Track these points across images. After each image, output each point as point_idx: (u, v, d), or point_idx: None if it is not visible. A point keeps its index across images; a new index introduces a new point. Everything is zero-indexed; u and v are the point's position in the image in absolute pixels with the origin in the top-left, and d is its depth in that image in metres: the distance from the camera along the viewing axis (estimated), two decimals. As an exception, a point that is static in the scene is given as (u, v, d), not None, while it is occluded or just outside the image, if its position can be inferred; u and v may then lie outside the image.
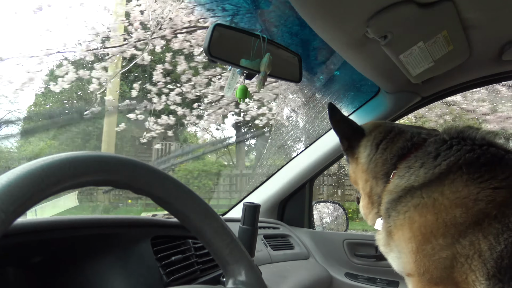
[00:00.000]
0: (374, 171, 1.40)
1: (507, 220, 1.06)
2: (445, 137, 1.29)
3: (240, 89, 1.29)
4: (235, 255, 0.78)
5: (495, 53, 1.66)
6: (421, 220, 1.17)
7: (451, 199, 1.14)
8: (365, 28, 1.32)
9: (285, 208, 2.44)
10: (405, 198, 1.23)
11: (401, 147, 1.36)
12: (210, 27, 1.11)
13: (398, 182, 1.29)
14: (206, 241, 0.76)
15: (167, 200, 0.70)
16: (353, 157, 1.50)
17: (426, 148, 1.30)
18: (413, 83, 1.78)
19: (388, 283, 2.08)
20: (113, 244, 1.06)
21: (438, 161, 1.22)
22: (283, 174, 2.37)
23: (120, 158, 0.64)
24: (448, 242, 1.12)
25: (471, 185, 1.13)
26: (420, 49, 1.46)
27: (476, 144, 1.22)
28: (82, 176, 0.58)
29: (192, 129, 14.70)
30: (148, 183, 0.67)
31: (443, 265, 1.12)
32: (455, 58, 1.61)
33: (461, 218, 1.11)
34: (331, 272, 2.19)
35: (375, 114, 2.07)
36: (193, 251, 1.28)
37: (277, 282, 1.69)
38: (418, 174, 1.24)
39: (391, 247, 1.30)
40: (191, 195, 0.73)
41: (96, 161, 0.59)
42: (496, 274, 1.05)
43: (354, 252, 2.22)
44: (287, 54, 1.41)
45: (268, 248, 1.97)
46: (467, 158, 1.19)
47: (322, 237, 2.33)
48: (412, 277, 1.21)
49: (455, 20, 1.38)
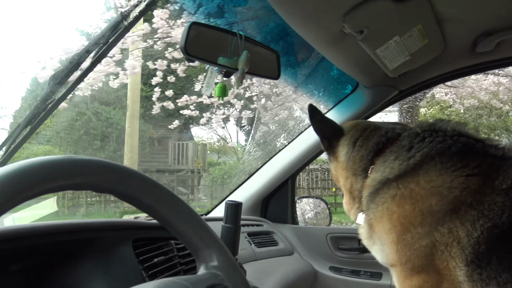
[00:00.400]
0: (353, 168, 1.44)
1: (482, 207, 1.09)
2: (418, 130, 1.33)
3: (219, 87, 1.29)
4: (205, 240, 0.77)
5: (469, 46, 1.69)
6: (399, 210, 1.20)
7: (427, 188, 1.17)
8: (342, 24, 1.32)
9: (268, 205, 2.44)
10: (382, 190, 1.26)
11: (376, 142, 1.40)
12: (186, 26, 1.10)
13: (374, 175, 1.32)
14: (176, 230, 0.75)
15: (132, 195, 0.69)
16: (334, 156, 1.53)
17: (401, 142, 1.33)
18: (391, 77, 1.81)
19: (372, 274, 2.11)
20: (94, 248, 1.04)
21: (412, 153, 1.26)
22: (265, 171, 2.37)
23: (81, 159, 0.62)
24: (426, 231, 1.14)
25: (444, 174, 1.17)
26: (396, 43, 1.48)
27: (447, 135, 1.26)
28: (53, 180, 0.56)
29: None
30: (109, 181, 0.65)
31: (423, 253, 1.15)
32: (431, 51, 1.64)
33: (437, 206, 1.14)
34: (316, 266, 2.21)
35: (354, 108, 2.08)
36: (176, 251, 1.27)
37: (262, 279, 1.69)
38: (393, 167, 1.27)
39: (374, 239, 1.32)
40: (156, 186, 0.71)
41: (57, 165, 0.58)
42: (474, 260, 1.08)
43: (338, 246, 2.24)
44: (265, 51, 1.40)
45: (252, 246, 1.97)
46: (439, 148, 1.22)
47: (305, 232, 2.34)
48: (395, 267, 1.24)
49: (430, 14, 1.41)
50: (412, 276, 1.18)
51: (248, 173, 2.46)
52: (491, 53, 1.73)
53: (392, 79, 1.86)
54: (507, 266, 1.04)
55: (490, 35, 1.58)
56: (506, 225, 1.06)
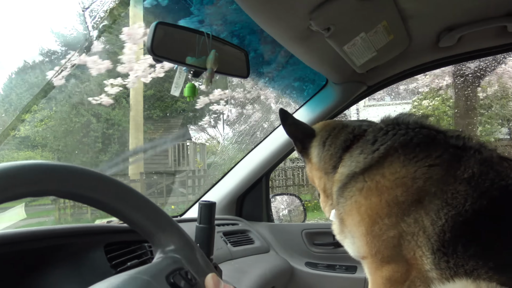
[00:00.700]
0: (325, 168, 1.46)
1: (445, 196, 1.13)
2: (382, 125, 1.36)
3: (188, 87, 1.28)
4: (159, 224, 0.74)
5: (432, 41, 1.74)
6: (367, 203, 1.22)
7: (391, 179, 1.20)
8: (308, 21, 1.34)
9: (243, 204, 2.44)
10: (349, 184, 1.29)
11: (344, 140, 1.43)
12: (151, 26, 1.09)
13: (342, 170, 1.35)
14: (128, 219, 0.72)
15: (76, 193, 0.64)
16: (308, 158, 1.56)
17: (366, 137, 1.36)
18: (359, 73, 1.84)
19: (347, 268, 2.14)
20: (65, 254, 1.02)
21: (376, 146, 1.29)
22: (239, 170, 2.37)
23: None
24: (393, 222, 1.17)
25: (408, 165, 1.20)
26: (363, 39, 1.50)
27: (409, 128, 1.30)
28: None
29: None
30: (48, 182, 0.60)
31: (392, 244, 1.18)
32: (396, 47, 1.68)
33: (402, 197, 1.17)
34: (292, 263, 2.22)
35: (324, 105, 2.11)
36: (150, 254, 1.26)
37: (238, 278, 1.69)
38: (359, 160, 1.30)
39: (345, 233, 1.34)
40: (100, 179, 0.67)
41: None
42: (440, 248, 1.11)
43: (313, 242, 2.26)
44: (233, 50, 1.40)
45: (228, 245, 1.97)
46: (402, 140, 1.26)
47: (281, 230, 2.36)
48: (366, 259, 1.26)
49: (394, 11, 1.44)
50: (383, 267, 1.21)
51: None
52: (453, 48, 1.78)
53: (360, 75, 1.89)
54: (473, 253, 1.07)
55: (452, 30, 1.63)
56: (469, 213, 1.09)
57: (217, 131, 15.48)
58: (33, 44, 11.12)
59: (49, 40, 11.56)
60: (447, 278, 1.11)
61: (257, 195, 2.43)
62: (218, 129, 15.26)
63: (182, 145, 13.62)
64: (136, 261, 1.17)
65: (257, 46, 1.79)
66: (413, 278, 1.17)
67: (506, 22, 1.56)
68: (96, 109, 11.65)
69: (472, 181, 1.12)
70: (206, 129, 14.76)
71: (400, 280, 1.18)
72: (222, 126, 14.71)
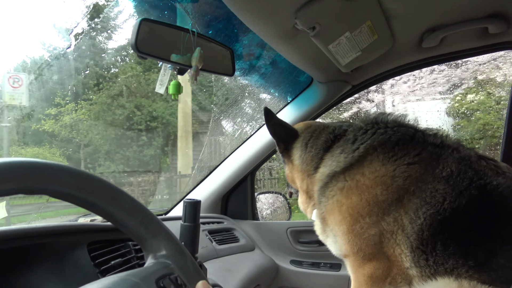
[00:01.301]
0: (307, 170, 1.47)
1: (424, 195, 1.15)
2: (362, 124, 1.38)
3: (173, 85, 1.27)
4: (151, 230, 0.74)
5: (416, 41, 1.76)
6: (348, 202, 1.24)
7: (371, 178, 1.22)
8: (294, 20, 1.34)
9: (228, 202, 2.44)
10: (330, 183, 1.31)
11: (324, 140, 1.44)
12: (136, 23, 1.08)
13: (323, 170, 1.37)
14: (120, 223, 0.71)
15: (69, 193, 0.63)
16: (289, 158, 1.57)
17: (347, 137, 1.38)
18: (344, 72, 1.85)
19: (331, 265, 2.16)
20: (47, 253, 1.00)
21: (356, 145, 1.31)
22: (224, 169, 2.37)
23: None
24: (374, 220, 1.19)
25: (387, 164, 1.22)
26: (347, 39, 1.52)
27: (388, 127, 1.32)
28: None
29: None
30: (40, 180, 0.59)
31: (372, 242, 1.20)
32: (380, 46, 1.69)
33: (382, 195, 1.19)
34: (277, 261, 2.23)
35: (309, 104, 2.12)
36: (134, 253, 1.25)
37: (224, 277, 1.69)
38: (339, 160, 1.32)
39: (327, 233, 1.36)
40: (95, 181, 0.67)
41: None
42: (419, 246, 1.13)
43: (298, 239, 2.27)
44: (219, 47, 1.40)
45: (213, 243, 1.97)
46: (381, 139, 1.28)
47: (266, 228, 2.36)
48: (348, 257, 1.27)
49: (378, 11, 1.45)
50: (365, 265, 1.22)
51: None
52: (436, 48, 1.81)
53: (345, 74, 1.90)
54: (452, 251, 1.09)
55: (435, 31, 1.66)
56: (448, 211, 1.11)
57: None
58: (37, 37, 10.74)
59: (53, 35, 11.13)
60: (427, 276, 1.13)
61: (243, 194, 2.43)
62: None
63: (217, 139, 13.34)
64: (120, 260, 1.16)
65: (241, 44, 1.79)
66: (394, 275, 1.19)
67: (487, 24, 1.59)
68: (137, 101, 11.28)
69: (451, 180, 1.14)
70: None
71: (382, 277, 1.20)
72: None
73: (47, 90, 9.85)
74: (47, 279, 0.95)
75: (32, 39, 9.92)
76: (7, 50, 7.19)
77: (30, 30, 11.93)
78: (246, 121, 3.31)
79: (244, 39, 1.70)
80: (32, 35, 11.11)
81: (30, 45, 8.69)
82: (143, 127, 11.40)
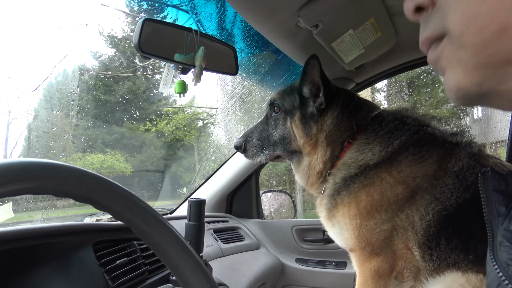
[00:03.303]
0: (337, 135, 1.40)
1: (435, 191, 1.16)
2: (396, 115, 1.37)
3: (178, 84, 1.27)
4: (200, 278, 0.71)
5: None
6: (368, 199, 1.24)
7: (396, 178, 1.22)
8: (297, 18, 1.34)
9: (233, 201, 2.45)
10: (358, 178, 1.29)
11: (363, 116, 1.41)
12: (139, 23, 1.08)
13: (357, 156, 1.33)
14: (171, 264, 0.70)
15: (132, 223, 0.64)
16: (323, 116, 1.44)
17: (382, 123, 1.36)
18: (347, 70, 1.85)
19: (337, 264, 2.16)
20: (53, 253, 1.01)
21: (392, 139, 1.30)
22: (229, 168, 2.37)
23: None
24: (389, 216, 1.21)
25: (413, 165, 1.22)
26: (351, 36, 1.51)
27: (420, 125, 1.32)
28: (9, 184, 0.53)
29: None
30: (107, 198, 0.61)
31: (383, 236, 1.21)
32: (384, 44, 1.68)
33: (401, 194, 1.20)
34: (282, 259, 2.23)
35: (313, 102, 2.11)
36: (139, 252, 1.25)
37: (229, 275, 1.69)
38: (374, 152, 1.30)
39: (333, 222, 1.35)
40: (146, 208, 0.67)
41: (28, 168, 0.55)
42: (425, 242, 1.15)
43: (303, 238, 2.27)
44: (222, 46, 1.40)
45: (218, 242, 1.97)
46: (415, 138, 1.28)
47: (271, 226, 2.37)
48: (354, 252, 1.28)
49: (381, 8, 1.45)
50: (371, 259, 1.23)
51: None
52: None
53: (349, 72, 1.90)
54: (455, 246, 1.11)
55: (439, 27, 1.64)
56: (453, 206, 1.13)
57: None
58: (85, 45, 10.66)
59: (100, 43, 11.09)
60: (432, 271, 1.15)
61: (247, 192, 2.44)
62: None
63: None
64: (125, 259, 1.17)
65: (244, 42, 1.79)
66: (400, 270, 1.20)
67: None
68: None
69: (461, 174, 1.16)
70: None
71: (387, 271, 1.21)
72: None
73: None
74: (53, 279, 0.95)
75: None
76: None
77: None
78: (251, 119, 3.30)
79: (247, 38, 1.70)
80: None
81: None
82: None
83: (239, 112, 3.38)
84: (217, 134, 8.76)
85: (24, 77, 6.01)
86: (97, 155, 10.04)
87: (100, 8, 7.26)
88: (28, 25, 7.59)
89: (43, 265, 0.96)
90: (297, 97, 1.47)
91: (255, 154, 1.55)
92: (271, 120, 1.54)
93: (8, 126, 7.33)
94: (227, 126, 5.35)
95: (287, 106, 1.49)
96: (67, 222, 1.14)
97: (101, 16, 11.38)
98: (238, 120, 4.48)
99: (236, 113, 3.48)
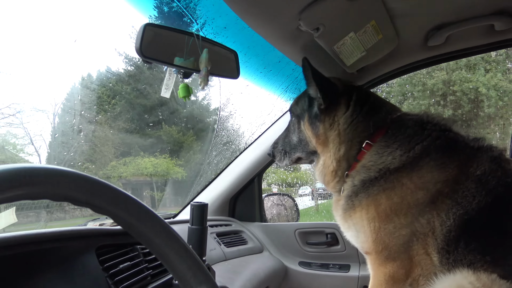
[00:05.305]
0: (353, 135, 1.39)
1: (456, 195, 1.16)
2: (417, 119, 1.36)
3: (182, 88, 1.27)
4: (198, 277, 0.72)
5: (421, 40, 1.75)
6: (388, 202, 1.24)
7: (417, 183, 1.22)
8: (298, 21, 1.34)
9: (236, 204, 2.45)
10: (378, 182, 1.28)
11: (382, 118, 1.39)
12: (140, 27, 1.08)
13: (376, 159, 1.32)
14: (172, 268, 0.71)
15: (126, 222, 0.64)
16: (330, 115, 1.43)
17: (402, 127, 1.35)
18: (349, 73, 1.84)
19: (340, 267, 2.15)
20: (55, 258, 1.01)
21: (412, 144, 1.29)
22: (231, 171, 2.37)
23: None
24: (408, 221, 1.20)
25: (434, 171, 1.22)
26: (352, 39, 1.51)
27: (441, 130, 1.31)
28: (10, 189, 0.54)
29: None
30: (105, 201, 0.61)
31: (401, 241, 1.21)
32: (385, 46, 1.68)
33: (422, 199, 1.20)
34: (285, 262, 2.23)
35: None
36: (142, 256, 1.25)
37: (232, 279, 1.69)
38: (395, 156, 1.29)
39: (349, 224, 1.35)
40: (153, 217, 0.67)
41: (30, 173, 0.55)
42: (444, 247, 1.15)
43: (306, 241, 2.27)
44: (223, 50, 1.40)
45: (221, 246, 1.97)
46: (437, 144, 1.27)
47: (274, 229, 2.36)
48: (370, 255, 1.28)
49: (382, 10, 1.44)
50: (387, 264, 1.23)
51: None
52: (442, 47, 1.79)
53: (350, 74, 1.89)
54: (473, 248, 1.11)
55: (440, 29, 1.64)
56: (475, 211, 1.13)
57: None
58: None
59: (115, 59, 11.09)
60: (445, 270, 1.16)
61: (250, 196, 2.43)
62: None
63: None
64: (128, 263, 1.17)
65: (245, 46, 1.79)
66: (415, 277, 1.20)
67: (494, 21, 1.58)
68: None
69: (483, 178, 1.16)
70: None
71: (403, 277, 1.21)
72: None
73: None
74: (56, 284, 0.95)
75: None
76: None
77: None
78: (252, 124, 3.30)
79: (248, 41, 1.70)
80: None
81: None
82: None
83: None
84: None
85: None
86: (149, 159, 10.05)
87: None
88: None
89: (46, 269, 0.96)
90: (306, 100, 1.51)
91: (280, 159, 1.65)
92: (290, 125, 1.63)
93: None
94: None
95: (298, 110, 1.56)
96: (70, 227, 1.14)
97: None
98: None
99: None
